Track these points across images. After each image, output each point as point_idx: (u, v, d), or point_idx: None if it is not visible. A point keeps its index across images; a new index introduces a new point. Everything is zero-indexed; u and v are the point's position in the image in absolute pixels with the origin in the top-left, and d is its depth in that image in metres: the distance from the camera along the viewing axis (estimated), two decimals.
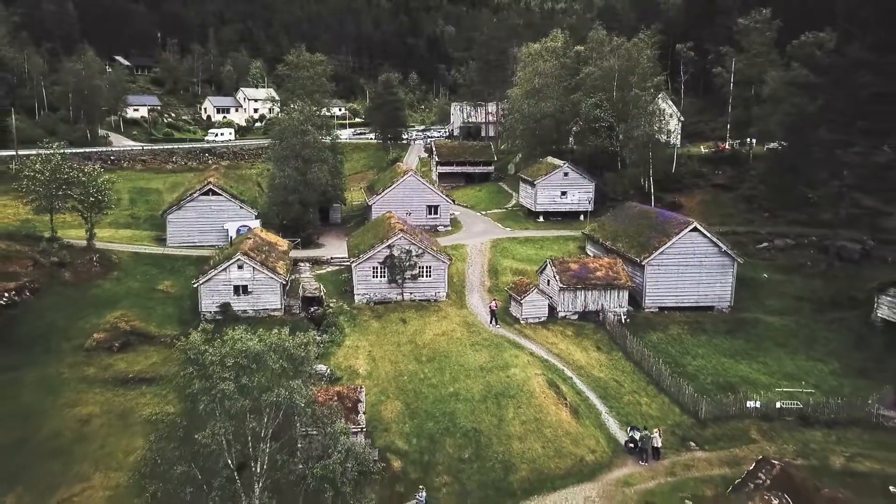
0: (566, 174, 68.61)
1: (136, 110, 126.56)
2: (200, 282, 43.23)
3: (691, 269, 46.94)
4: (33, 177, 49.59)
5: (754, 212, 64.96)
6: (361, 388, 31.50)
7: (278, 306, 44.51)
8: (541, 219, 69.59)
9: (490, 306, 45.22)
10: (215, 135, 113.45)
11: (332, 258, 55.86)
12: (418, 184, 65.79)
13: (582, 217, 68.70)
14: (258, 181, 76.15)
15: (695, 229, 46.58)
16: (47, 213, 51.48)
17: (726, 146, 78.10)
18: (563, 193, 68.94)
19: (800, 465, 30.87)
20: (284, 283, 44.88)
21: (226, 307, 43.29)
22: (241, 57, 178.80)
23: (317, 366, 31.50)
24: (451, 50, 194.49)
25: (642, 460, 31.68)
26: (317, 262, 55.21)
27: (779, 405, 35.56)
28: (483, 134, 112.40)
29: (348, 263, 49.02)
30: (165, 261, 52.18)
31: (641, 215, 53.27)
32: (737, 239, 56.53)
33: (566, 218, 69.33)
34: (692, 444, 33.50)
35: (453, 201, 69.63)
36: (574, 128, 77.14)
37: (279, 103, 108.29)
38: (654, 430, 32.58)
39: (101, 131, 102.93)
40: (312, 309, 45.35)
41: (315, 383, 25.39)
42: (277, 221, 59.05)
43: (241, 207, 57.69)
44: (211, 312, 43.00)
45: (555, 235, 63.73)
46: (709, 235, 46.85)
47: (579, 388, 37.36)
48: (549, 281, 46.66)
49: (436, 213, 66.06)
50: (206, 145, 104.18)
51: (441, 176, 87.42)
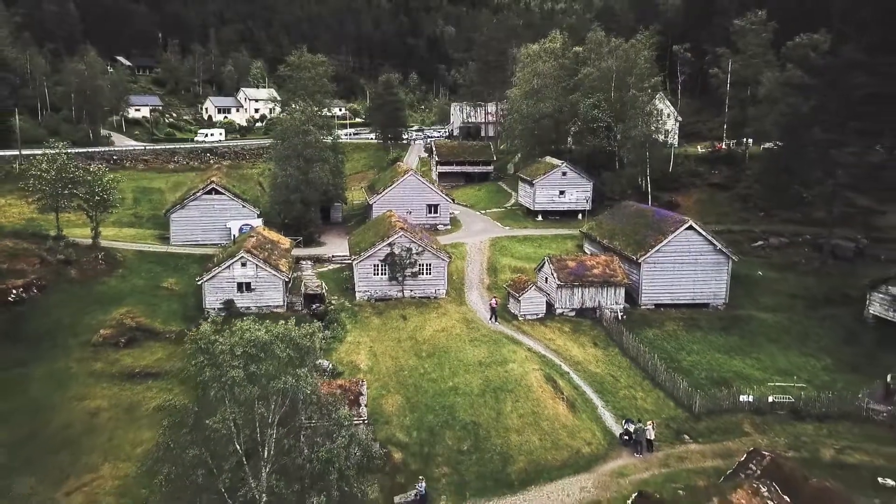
0: (564, 174, 69.39)
1: (138, 110, 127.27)
2: (205, 279, 43.90)
3: (687, 267, 47.58)
4: (40, 176, 50.18)
5: (750, 211, 65.71)
6: (363, 382, 32.14)
7: (281, 303, 45.20)
8: (539, 218, 70.32)
9: (490, 304, 45.90)
10: (205, 135, 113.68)
11: (333, 256, 56.59)
12: (418, 183, 66.56)
13: (580, 216, 69.51)
14: (260, 181, 76.92)
15: (690, 228, 47.23)
16: (52, 212, 52.08)
17: (723, 146, 78.83)
18: (562, 193, 69.71)
19: (791, 457, 31.45)
20: (287, 280, 45.60)
21: (229, 304, 44.00)
22: (242, 57, 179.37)
23: (319, 361, 32.19)
24: (450, 50, 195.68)
25: (637, 452, 32.39)
26: (318, 260, 55.95)
27: (771, 399, 36.26)
28: (482, 134, 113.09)
29: (349, 261, 49.76)
30: (169, 259, 52.89)
31: (638, 214, 53.96)
32: (732, 237, 57.22)
33: (564, 217, 70.09)
34: (686, 437, 34.20)
35: (453, 200, 70.31)
36: (572, 128, 77.81)
37: (280, 103, 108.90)
38: (648, 423, 33.24)
39: (103, 131, 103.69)
40: (314, 306, 45.96)
41: (319, 376, 26.14)
42: (279, 220, 59.71)
43: (243, 206, 58.39)
44: (215, 309, 43.73)
45: (553, 234, 64.46)
46: (704, 234, 47.52)
47: (576, 383, 38.05)
48: (547, 278, 47.40)
49: (436, 212, 66.84)
50: (206, 145, 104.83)
51: (441, 175, 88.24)
